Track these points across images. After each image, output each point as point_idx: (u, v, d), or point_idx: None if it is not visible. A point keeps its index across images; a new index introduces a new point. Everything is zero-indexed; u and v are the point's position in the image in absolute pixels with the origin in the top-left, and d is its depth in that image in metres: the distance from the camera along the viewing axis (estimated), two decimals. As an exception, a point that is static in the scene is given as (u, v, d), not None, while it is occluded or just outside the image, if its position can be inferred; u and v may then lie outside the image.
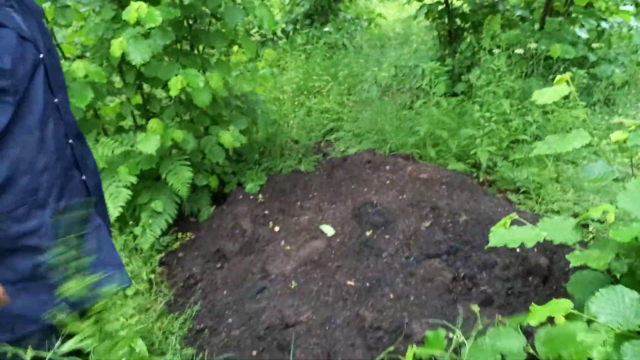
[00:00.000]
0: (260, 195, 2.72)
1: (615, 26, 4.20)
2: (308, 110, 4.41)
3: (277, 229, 2.47)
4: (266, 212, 2.59)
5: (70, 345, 1.02)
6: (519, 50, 3.55)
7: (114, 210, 2.26)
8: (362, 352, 1.65)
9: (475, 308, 1.64)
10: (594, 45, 3.81)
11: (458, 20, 4.35)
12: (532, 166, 2.84)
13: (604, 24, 3.95)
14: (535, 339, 1.24)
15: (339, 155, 3.37)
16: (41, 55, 1.15)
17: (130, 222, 2.57)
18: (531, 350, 1.27)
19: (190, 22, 2.67)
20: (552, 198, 2.64)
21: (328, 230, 2.34)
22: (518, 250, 1.95)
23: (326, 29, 5.96)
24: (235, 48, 3.24)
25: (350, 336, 1.71)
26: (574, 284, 1.48)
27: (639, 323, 1.02)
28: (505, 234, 1.33)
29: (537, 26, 3.95)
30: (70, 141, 1.25)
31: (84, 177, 1.29)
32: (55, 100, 1.20)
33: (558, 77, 1.50)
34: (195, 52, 2.79)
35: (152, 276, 2.35)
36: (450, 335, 1.57)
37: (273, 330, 1.82)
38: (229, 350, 1.80)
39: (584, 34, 3.77)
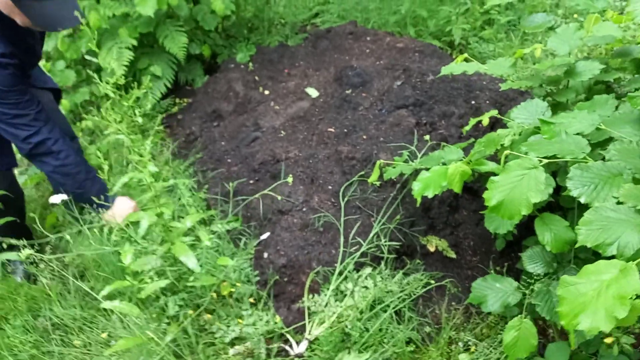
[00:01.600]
0: (250, 64, 2.96)
1: None
2: (294, -7, 4.45)
3: (266, 92, 2.75)
4: (256, 78, 2.85)
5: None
6: None
7: (118, 69, 2.49)
8: (339, 177, 2.05)
9: (427, 137, 2.02)
10: None
11: None
12: (500, 42, 3.10)
13: None
14: (471, 151, 1.62)
15: (323, 32, 3.54)
16: None
17: (132, 86, 2.81)
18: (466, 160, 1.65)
19: None
20: (514, 71, 2.94)
21: (312, 92, 2.63)
22: (473, 102, 2.29)
23: None
24: None
25: (330, 166, 2.09)
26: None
27: (541, 120, 1.39)
28: (453, 67, 1.65)
29: None
30: None
31: None
32: None
33: None
34: None
35: (158, 129, 2.67)
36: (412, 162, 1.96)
37: (266, 164, 2.19)
38: (229, 180, 2.19)
39: None
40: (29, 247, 1.95)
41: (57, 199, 1.69)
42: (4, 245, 1.77)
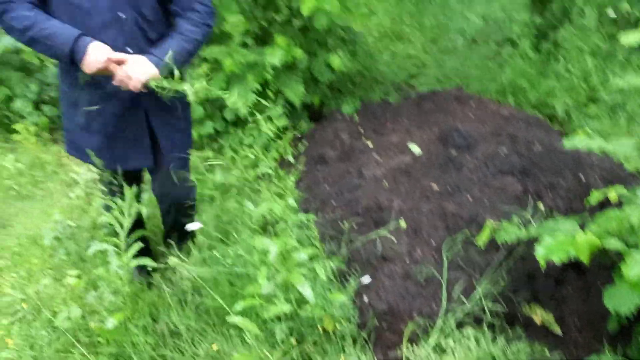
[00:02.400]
0: (355, 116, 3.16)
1: None
2: (393, 55, 4.73)
3: (370, 144, 2.91)
4: (361, 129, 3.04)
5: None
6: (611, 12, 3.65)
7: (243, 108, 2.78)
8: (442, 232, 2.11)
9: (540, 205, 2.04)
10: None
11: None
12: (605, 119, 3.08)
13: None
14: (587, 225, 1.63)
15: (423, 93, 3.71)
16: None
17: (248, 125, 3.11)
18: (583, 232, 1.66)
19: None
20: (620, 150, 2.90)
21: (415, 148, 2.76)
22: (583, 179, 2.29)
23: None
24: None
25: (433, 220, 2.16)
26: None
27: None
28: (577, 141, 1.69)
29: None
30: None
31: None
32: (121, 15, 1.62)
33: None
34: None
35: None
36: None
37: (369, 210, 2.30)
38: (333, 221, 2.31)
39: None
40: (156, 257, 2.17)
41: (195, 225, 1.87)
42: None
